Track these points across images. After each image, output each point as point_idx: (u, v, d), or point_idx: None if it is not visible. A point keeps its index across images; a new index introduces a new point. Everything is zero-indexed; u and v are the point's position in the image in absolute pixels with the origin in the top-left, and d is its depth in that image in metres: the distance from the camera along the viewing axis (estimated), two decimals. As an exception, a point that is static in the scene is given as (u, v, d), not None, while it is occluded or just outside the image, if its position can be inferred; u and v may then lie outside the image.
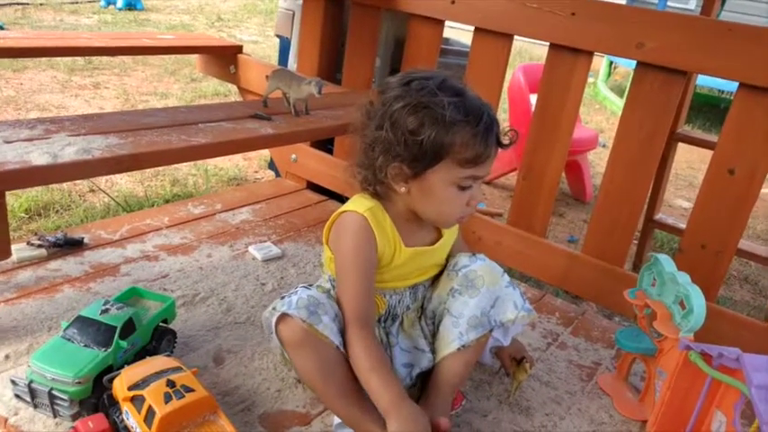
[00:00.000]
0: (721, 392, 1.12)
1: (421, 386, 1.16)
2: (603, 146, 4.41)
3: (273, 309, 1.06)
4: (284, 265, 1.68)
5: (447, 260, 1.22)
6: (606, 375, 1.37)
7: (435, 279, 1.22)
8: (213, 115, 1.51)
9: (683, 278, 1.16)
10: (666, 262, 1.22)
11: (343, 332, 1.04)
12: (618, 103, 5.71)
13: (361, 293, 1.05)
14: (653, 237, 2.42)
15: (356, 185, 1.13)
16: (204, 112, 1.59)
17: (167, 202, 2.35)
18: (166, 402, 0.89)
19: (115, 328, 1.05)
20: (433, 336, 1.19)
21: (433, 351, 1.16)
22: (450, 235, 1.20)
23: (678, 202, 3.52)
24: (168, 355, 1.10)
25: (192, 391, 0.93)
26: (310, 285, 1.07)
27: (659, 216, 2.25)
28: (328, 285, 1.17)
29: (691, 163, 4.36)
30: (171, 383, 0.92)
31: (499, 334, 1.17)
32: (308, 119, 1.63)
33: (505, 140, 1.06)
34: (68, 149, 1.18)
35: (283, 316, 1.02)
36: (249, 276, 1.59)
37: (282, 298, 1.06)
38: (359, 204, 1.10)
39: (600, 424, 1.21)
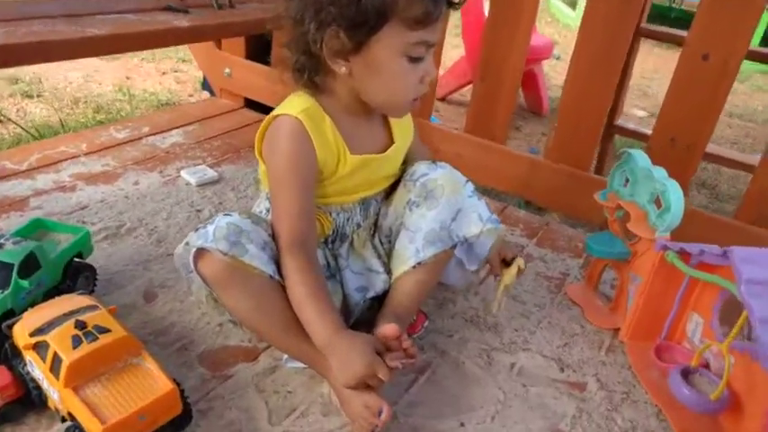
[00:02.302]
0: (697, 293, 1.06)
1: (377, 310, 1.03)
2: (557, 58, 4.28)
3: (187, 244, 0.89)
4: (222, 190, 1.51)
5: (403, 170, 1.07)
6: (575, 285, 1.29)
7: (390, 191, 1.08)
8: (117, 6, 1.27)
9: (659, 173, 1.06)
10: (640, 157, 1.11)
11: (277, 260, 0.89)
12: (571, 15, 5.54)
13: (296, 211, 0.90)
14: (613, 144, 2.33)
15: (290, 85, 0.96)
16: (106, 2, 1.35)
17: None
18: (75, 347, 0.74)
19: (12, 265, 0.88)
20: (389, 255, 1.06)
21: (389, 271, 1.04)
22: (404, 139, 1.05)
23: (633, 111, 3.46)
24: (86, 294, 0.94)
25: (108, 331, 0.78)
26: (231, 212, 0.91)
27: (620, 121, 2.16)
28: (267, 204, 1.02)
29: (644, 72, 4.29)
30: (81, 325, 0.77)
31: (462, 252, 1.06)
32: (232, 12, 1.40)
33: None
34: None
35: (200, 251, 0.86)
36: (182, 203, 1.42)
37: (197, 230, 0.89)
38: (292, 105, 0.92)
39: (572, 336, 1.14)
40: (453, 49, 3.42)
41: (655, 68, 4.47)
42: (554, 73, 3.87)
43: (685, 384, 0.93)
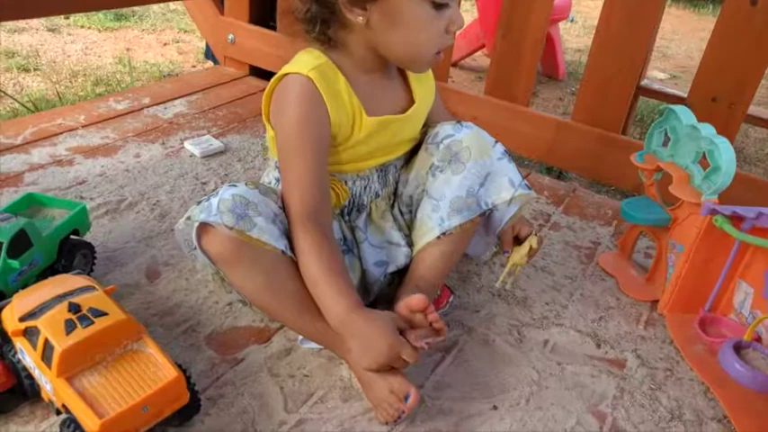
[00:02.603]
0: (747, 261, 0.97)
1: (398, 286, 0.94)
2: (572, 20, 4.12)
3: (189, 219, 0.81)
4: (228, 161, 1.42)
5: (424, 133, 0.98)
6: (607, 254, 1.20)
7: (411, 156, 0.99)
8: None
9: (708, 130, 0.97)
10: (684, 113, 1.01)
11: (288, 234, 0.81)
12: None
13: (308, 180, 0.81)
14: (636, 106, 2.22)
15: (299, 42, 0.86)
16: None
17: (88, 103, 2.02)
18: (68, 332, 0.67)
19: (0, 244, 0.81)
20: (410, 226, 0.98)
21: (411, 244, 0.95)
22: (425, 99, 0.95)
23: (653, 73, 3.32)
24: (83, 274, 0.87)
25: (105, 314, 0.70)
26: (237, 183, 0.82)
27: (645, 81, 2.03)
28: (276, 173, 0.93)
29: (662, 33, 4.13)
30: (74, 308, 0.70)
31: (481, 221, 0.96)
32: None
33: None
34: None
35: (204, 226, 0.78)
36: (187, 176, 1.34)
37: (199, 203, 0.80)
38: (302, 63, 0.83)
39: (607, 309, 1.06)
40: (464, 14, 3.28)
41: (673, 29, 4.30)
42: (568, 36, 3.73)
43: (739, 360, 0.85)
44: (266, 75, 1.90)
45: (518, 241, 0.96)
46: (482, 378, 0.88)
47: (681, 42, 4.08)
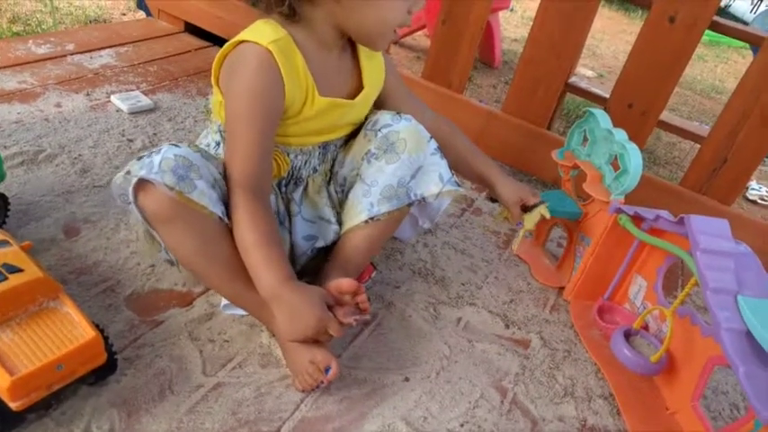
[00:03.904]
0: (644, 257, 1.06)
1: (323, 259, 0.97)
2: (512, 10, 4.22)
3: (128, 173, 0.79)
4: (157, 120, 1.38)
5: (366, 117, 0.99)
6: (523, 242, 1.28)
7: (350, 138, 1.00)
8: None
9: (620, 135, 1.04)
10: (602, 117, 1.09)
11: (226, 201, 0.81)
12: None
13: (255, 151, 0.81)
14: (563, 103, 2.32)
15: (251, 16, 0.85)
16: None
17: (4, 42, 1.88)
18: (-20, 287, 0.65)
19: None
20: (342, 206, 1.00)
21: (341, 222, 0.98)
22: (374, 86, 0.97)
23: (581, 70, 3.47)
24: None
25: (20, 271, 0.69)
26: (180, 143, 0.81)
27: (574, 78, 2.13)
28: (218, 137, 0.93)
29: (593, 33, 4.31)
30: (-13, 262, 0.68)
31: (416, 209, 1.02)
32: None
33: None
34: None
35: (143, 183, 0.76)
36: (112, 131, 1.29)
37: (140, 159, 0.79)
38: (262, 33, 0.81)
39: (518, 292, 1.13)
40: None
41: (603, 29, 4.49)
42: (507, 25, 3.82)
43: (627, 345, 0.94)
44: (202, 34, 1.84)
45: (525, 209, 1.04)
46: (397, 351, 0.93)
47: (610, 43, 4.28)
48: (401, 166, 0.93)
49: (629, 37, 4.40)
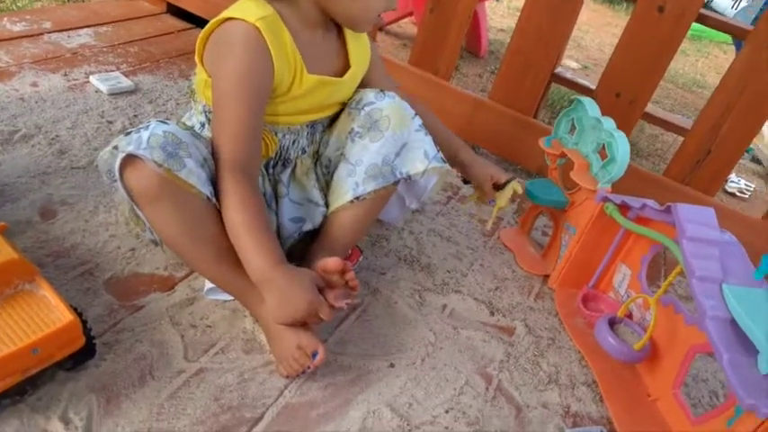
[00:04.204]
0: (629, 246, 1.07)
1: (310, 242, 0.96)
2: (498, 0, 4.21)
3: (115, 149, 0.76)
4: (138, 101, 1.35)
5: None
6: (508, 230, 1.28)
7: (334, 119, 0.99)
8: None
9: (608, 124, 1.04)
10: (590, 106, 1.09)
11: (214, 181, 0.79)
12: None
13: (244, 131, 0.79)
14: (548, 93, 2.32)
15: None
16: None
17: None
18: (-48, 268, 0.63)
19: None
20: (328, 186, 0.98)
21: (328, 205, 0.96)
22: (360, 65, 0.95)
23: (566, 62, 3.48)
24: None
25: (-6, 252, 0.66)
26: (168, 120, 0.78)
27: (559, 69, 2.13)
28: (203, 117, 0.90)
29: (579, 25, 4.32)
30: (-41, 242, 0.65)
31: (403, 189, 1.00)
32: None
33: None
34: None
35: (131, 158, 0.73)
36: (91, 112, 1.26)
37: (128, 134, 0.76)
38: (248, 10, 0.79)
39: (503, 280, 1.13)
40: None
41: (588, 21, 4.50)
42: (493, 15, 3.81)
43: (611, 333, 0.94)
44: (185, 15, 1.80)
45: (497, 187, 1.04)
46: (382, 337, 0.92)
47: (595, 35, 4.29)
48: (385, 144, 0.91)
49: (614, 29, 4.43)
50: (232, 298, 0.88)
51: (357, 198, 0.92)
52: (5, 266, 0.66)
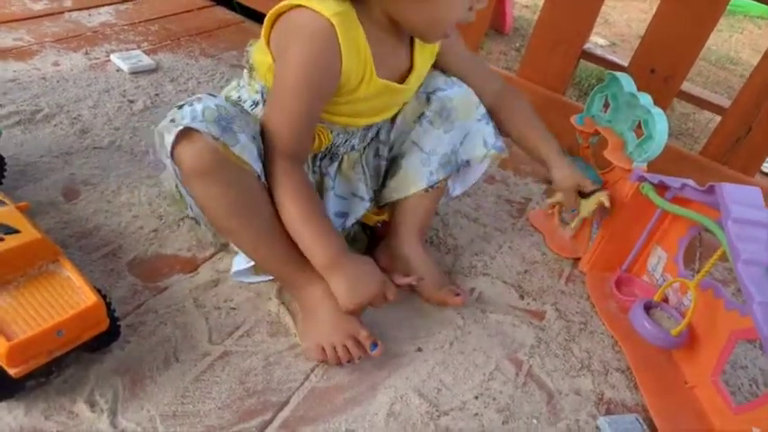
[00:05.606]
0: (665, 228, 1.02)
1: (354, 237, 1.00)
2: (522, -25, 4.09)
3: (172, 121, 0.73)
4: (160, 80, 1.33)
5: None
6: (537, 211, 1.24)
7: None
8: None
9: (645, 99, 0.99)
10: (626, 81, 1.04)
11: (263, 159, 0.76)
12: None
13: (298, 122, 0.77)
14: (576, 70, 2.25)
15: None
16: None
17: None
18: (-25, 249, 0.62)
19: None
20: (387, 171, 0.98)
21: (372, 198, 0.97)
22: (425, 64, 0.91)
23: (594, 38, 3.38)
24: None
25: (17, 232, 0.65)
26: (214, 94, 0.76)
27: (588, 46, 2.06)
28: (258, 97, 0.86)
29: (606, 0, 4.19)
30: (-18, 222, 0.64)
31: (453, 175, 1.00)
32: None
33: None
34: None
35: (187, 131, 0.70)
36: (112, 91, 1.25)
37: (180, 107, 0.73)
38: (324, 4, 0.74)
39: (532, 263, 1.10)
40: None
41: (615, -4, 4.37)
42: (518, -9, 3.71)
43: (647, 318, 0.91)
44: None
45: (582, 195, 1.00)
46: (409, 321, 0.90)
47: (623, 11, 4.17)
48: (455, 135, 0.95)
49: (641, 4, 4.29)
50: (259, 280, 0.87)
51: (431, 187, 0.95)
52: (29, 246, 0.65)
